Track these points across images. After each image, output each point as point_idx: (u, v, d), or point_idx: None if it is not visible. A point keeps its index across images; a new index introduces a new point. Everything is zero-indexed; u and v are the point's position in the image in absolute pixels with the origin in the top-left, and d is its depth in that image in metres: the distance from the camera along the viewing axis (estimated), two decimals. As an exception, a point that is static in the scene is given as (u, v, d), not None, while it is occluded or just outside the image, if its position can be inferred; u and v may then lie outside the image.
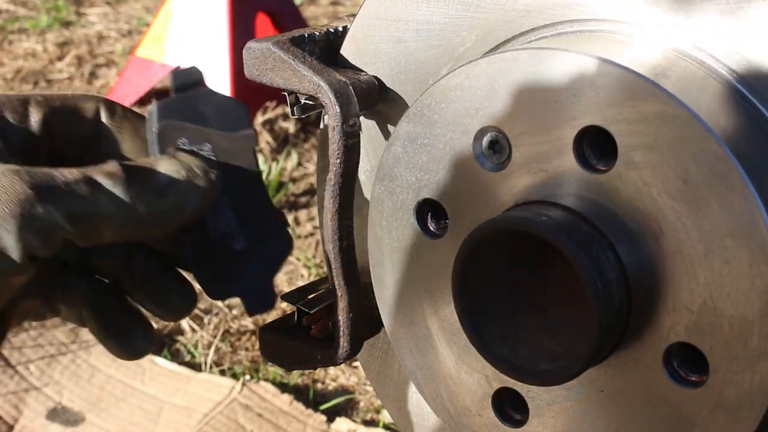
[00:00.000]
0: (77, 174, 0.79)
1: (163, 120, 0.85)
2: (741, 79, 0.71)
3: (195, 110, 0.86)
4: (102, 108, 0.89)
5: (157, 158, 0.84)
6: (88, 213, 0.79)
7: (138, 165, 0.82)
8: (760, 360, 0.68)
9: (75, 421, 2.16)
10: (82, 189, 0.78)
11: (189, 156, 0.84)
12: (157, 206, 0.81)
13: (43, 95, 0.88)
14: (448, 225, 0.81)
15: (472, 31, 0.83)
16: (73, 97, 0.89)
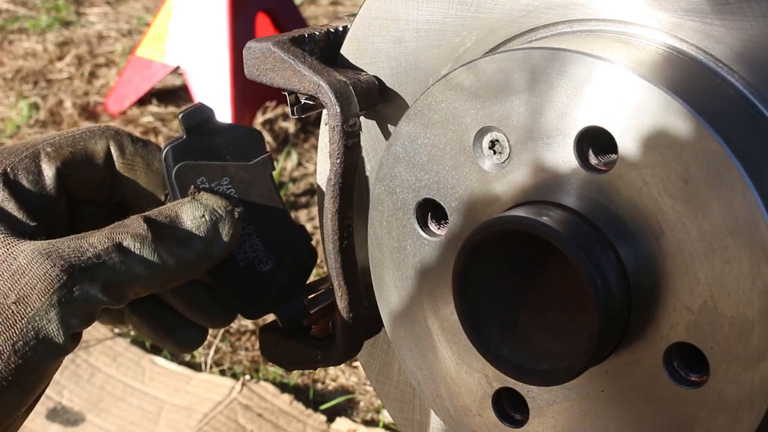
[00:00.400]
0: (106, 242, 0.79)
1: (178, 163, 0.86)
2: (741, 79, 0.71)
3: (208, 147, 0.87)
4: (112, 147, 0.89)
5: (180, 204, 0.84)
6: (121, 280, 0.80)
7: (162, 218, 0.82)
8: (760, 360, 0.68)
9: (75, 421, 2.16)
10: (113, 258, 0.79)
11: (212, 197, 0.85)
12: (184, 257, 0.82)
13: (51, 144, 0.87)
14: (448, 225, 0.81)
15: (472, 31, 0.83)
16: (81, 139, 0.88)
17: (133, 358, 2.32)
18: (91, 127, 0.90)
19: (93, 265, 0.78)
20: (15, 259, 0.76)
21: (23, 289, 0.75)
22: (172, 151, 0.87)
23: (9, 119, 3.50)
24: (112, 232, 0.80)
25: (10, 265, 0.76)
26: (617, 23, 0.76)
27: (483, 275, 0.78)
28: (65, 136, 0.88)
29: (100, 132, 0.89)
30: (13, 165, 0.85)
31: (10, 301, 0.75)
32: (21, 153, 0.86)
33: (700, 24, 0.72)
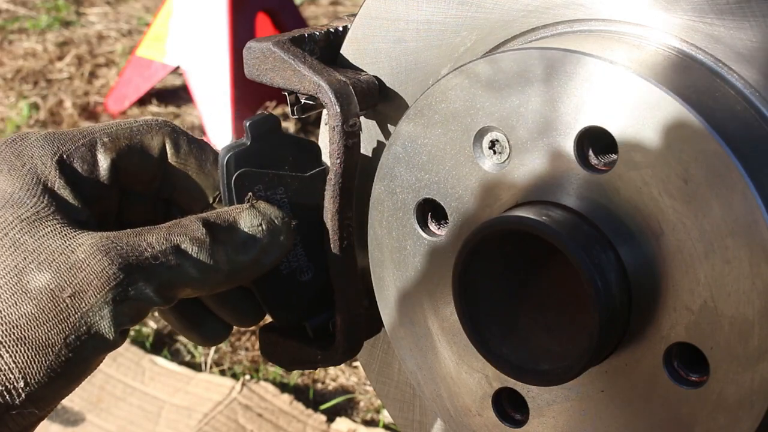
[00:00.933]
0: (164, 243, 0.79)
1: (238, 168, 0.86)
2: (741, 79, 0.71)
3: (270, 156, 0.88)
4: (168, 143, 0.88)
5: (237, 210, 0.84)
6: (175, 282, 0.80)
7: (220, 222, 0.82)
8: (760, 360, 0.68)
9: (75, 421, 2.16)
10: (170, 260, 0.79)
11: (269, 206, 0.85)
12: (239, 264, 0.82)
13: (108, 134, 0.86)
14: (448, 225, 0.81)
15: (472, 31, 0.83)
16: (138, 132, 0.87)
17: (133, 358, 2.32)
18: (148, 119, 0.89)
19: (150, 266, 0.78)
20: (73, 252, 0.76)
21: (80, 284, 0.75)
22: (234, 157, 0.87)
23: (9, 119, 3.50)
24: (170, 232, 0.80)
25: (67, 258, 0.76)
26: (617, 23, 0.76)
27: (483, 275, 0.78)
28: (122, 126, 0.87)
29: (157, 126, 0.88)
30: (69, 152, 0.84)
31: (65, 294, 0.74)
32: (77, 140, 0.85)
33: (700, 24, 0.72)
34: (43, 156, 0.82)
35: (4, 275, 0.75)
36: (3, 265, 0.75)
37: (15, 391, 0.73)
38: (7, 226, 0.77)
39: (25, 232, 0.77)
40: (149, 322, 2.47)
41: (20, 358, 0.73)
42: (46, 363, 0.74)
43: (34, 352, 0.74)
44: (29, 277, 0.75)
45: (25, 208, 0.78)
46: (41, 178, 0.81)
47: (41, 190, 0.80)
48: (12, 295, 0.74)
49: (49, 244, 0.76)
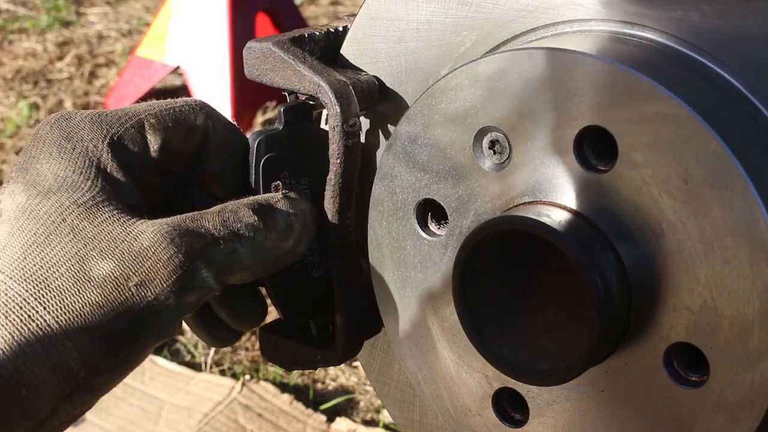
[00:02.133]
0: (222, 229, 0.79)
1: (268, 152, 0.87)
2: (741, 79, 0.71)
3: (299, 145, 0.88)
4: (210, 124, 0.87)
5: (273, 198, 0.84)
6: (233, 268, 0.80)
7: (264, 208, 0.82)
8: (760, 360, 0.68)
9: (75, 421, 2.16)
10: (229, 246, 0.79)
11: (299, 196, 0.85)
12: (282, 251, 0.83)
13: (154, 114, 0.84)
14: (448, 225, 0.81)
15: (472, 31, 0.83)
16: (182, 113, 0.86)
17: (133, 358, 2.31)
18: (188, 100, 0.88)
19: (211, 252, 0.77)
20: (136, 240, 0.75)
21: (147, 272, 0.74)
22: (266, 140, 0.87)
23: (9, 119, 3.50)
24: (223, 218, 0.80)
25: (131, 245, 0.75)
26: (617, 23, 0.76)
27: (483, 275, 0.78)
28: (165, 107, 0.85)
29: (198, 107, 0.87)
30: (119, 134, 0.82)
31: (131, 283, 0.74)
32: (125, 122, 0.83)
33: (699, 24, 0.72)
34: (94, 138, 0.80)
35: (65, 261, 0.73)
36: (64, 252, 0.74)
37: (75, 380, 0.72)
38: (65, 211, 0.75)
39: (83, 218, 0.75)
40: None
41: (83, 347, 0.72)
42: (109, 352, 0.73)
43: (98, 341, 0.72)
44: (92, 264, 0.73)
45: (81, 193, 0.77)
46: (94, 161, 0.79)
47: (95, 173, 0.78)
48: (75, 283, 0.73)
49: (109, 230, 0.75)
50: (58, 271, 0.73)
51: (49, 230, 0.74)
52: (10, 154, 3.27)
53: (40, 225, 0.75)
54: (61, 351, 0.71)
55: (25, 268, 0.73)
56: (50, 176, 0.77)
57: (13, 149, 3.29)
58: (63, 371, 0.71)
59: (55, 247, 0.74)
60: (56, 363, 0.71)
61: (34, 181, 0.77)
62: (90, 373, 0.73)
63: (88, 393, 0.73)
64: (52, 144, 0.79)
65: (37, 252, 0.74)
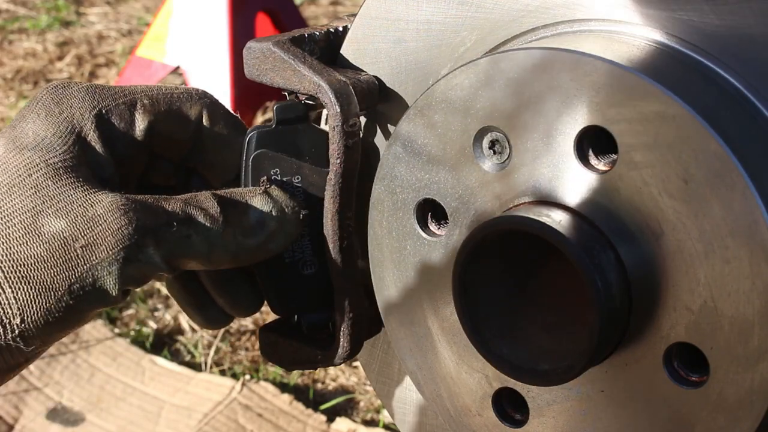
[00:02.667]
0: (180, 214, 0.80)
1: (259, 148, 0.87)
2: (741, 79, 0.71)
3: (292, 143, 0.88)
4: (205, 115, 0.89)
5: (250, 193, 0.85)
6: (184, 253, 0.81)
7: (233, 200, 0.83)
8: (760, 360, 0.68)
9: (75, 421, 2.16)
10: (183, 231, 0.80)
11: (282, 193, 0.86)
12: (244, 246, 0.83)
13: (149, 96, 0.87)
14: (448, 225, 0.81)
15: (472, 31, 0.83)
16: (178, 100, 0.88)
17: (133, 358, 2.32)
18: (189, 88, 0.90)
19: (162, 233, 0.79)
20: (92, 206, 0.77)
21: (94, 237, 0.77)
22: (257, 136, 0.88)
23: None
24: (186, 204, 0.81)
25: (86, 210, 0.77)
26: (617, 23, 0.76)
27: (483, 275, 0.78)
28: (163, 91, 0.88)
29: (197, 96, 0.89)
30: (108, 108, 0.85)
31: (78, 244, 0.76)
32: (118, 98, 0.86)
33: (700, 24, 0.72)
34: (82, 107, 0.84)
35: (20, 214, 0.76)
36: (21, 205, 0.77)
37: (9, 327, 0.75)
38: (33, 167, 0.78)
39: (48, 177, 0.78)
40: (149, 322, 2.47)
41: (21, 296, 0.75)
42: (46, 305, 0.76)
43: (36, 293, 0.75)
44: (45, 221, 0.76)
45: (54, 154, 0.79)
46: (76, 128, 0.82)
47: (74, 140, 0.81)
48: (24, 235, 0.76)
49: (70, 193, 0.78)
50: (11, 221, 0.76)
51: (13, 182, 0.78)
52: (10, 154, 3.27)
53: (7, 176, 0.78)
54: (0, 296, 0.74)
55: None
56: (31, 134, 0.81)
57: (13, 149, 3.29)
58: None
59: (15, 199, 0.77)
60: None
61: (16, 137, 0.81)
62: (24, 322, 0.75)
63: (23, 341, 0.76)
64: (42, 106, 0.83)
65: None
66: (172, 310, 2.52)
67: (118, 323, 2.47)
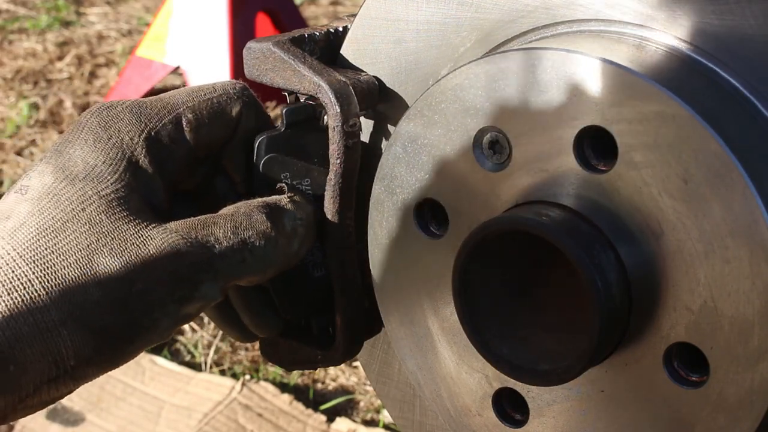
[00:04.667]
0: (232, 239, 0.79)
1: (269, 152, 0.87)
2: (741, 79, 0.71)
3: (301, 146, 0.88)
4: (243, 115, 0.88)
5: (282, 201, 0.84)
6: (239, 277, 0.81)
7: (274, 212, 0.82)
8: (760, 360, 0.68)
9: (75, 420, 2.16)
10: (237, 256, 0.79)
11: (303, 199, 0.86)
12: (288, 255, 0.84)
13: (191, 108, 0.85)
14: (448, 225, 0.81)
15: (472, 32, 0.83)
16: (219, 104, 0.87)
17: (133, 358, 2.31)
18: (227, 85, 0.88)
19: (218, 264, 0.78)
20: (145, 245, 0.76)
21: (151, 281, 0.76)
22: (267, 141, 0.87)
23: (9, 119, 3.50)
24: (235, 224, 0.80)
25: (140, 249, 0.76)
26: (617, 23, 0.76)
27: (483, 275, 0.78)
28: (203, 98, 0.86)
29: (236, 95, 0.88)
30: (156, 129, 0.83)
31: (134, 288, 0.75)
32: (163, 116, 0.84)
33: (699, 23, 0.72)
34: (131, 131, 0.82)
35: (76, 252, 0.75)
36: (77, 242, 0.75)
37: (63, 367, 0.73)
38: (86, 200, 0.77)
39: (102, 212, 0.77)
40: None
41: (77, 339, 0.73)
42: (101, 348, 0.75)
43: (93, 336, 0.74)
44: (100, 260, 0.75)
45: (106, 184, 0.78)
46: (126, 153, 0.80)
47: (124, 166, 0.80)
48: (81, 276, 0.74)
49: (123, 230, 0.76)
50: (67, 260, 0.74)
51: (67, 217, 0.76)
52: (10, 154, 3.27)
53: (60, 210, 0.76)
54: (56, 337, 0.72)
55: (37, 251, 0.74)
56: (80, 163, 0.79)
57: (13, 149, 3.29)
58: (53, 356, 0.73)
59: (70, 236, 0.75)
60: (48, 348, 0.72)
61: (64, 166, 0.79)
62: (79, 363, 0.74)
63: (73, 380, 0.75)
64: (89, 131, 0.81)
65: (51, 236, 0.75)
66: (172, 310, 2.51)
67: (118, 323, 2.47)
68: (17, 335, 0.71)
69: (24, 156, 3.27)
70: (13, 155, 3.26)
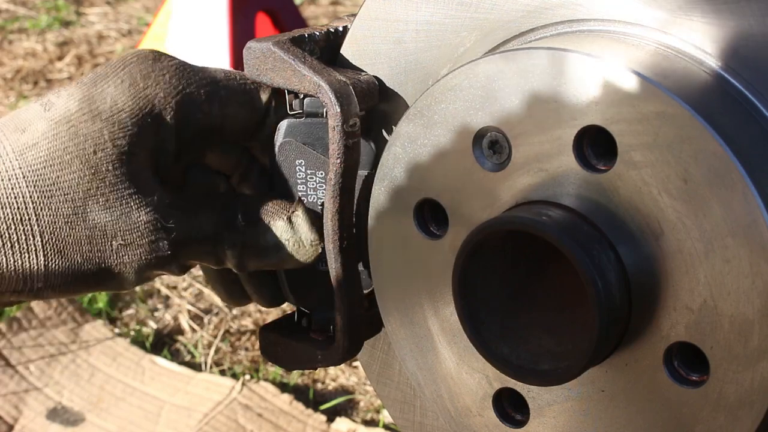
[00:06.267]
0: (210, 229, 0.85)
1: (287, 137, 0.89)
2: (741, 78, 0.71)
3: (319, 137, 0.89)
4: (273, 103, 0.90)
5: (277, 214, 0.87)
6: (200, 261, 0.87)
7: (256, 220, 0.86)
8: (760, 359, 0.68)
9: (75, 421, 2.16)
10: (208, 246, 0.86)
11: (305, 222, 0.87)
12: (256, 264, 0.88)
13: (226, 86, 0.87)
14: (448, 225, 0.81)
15: (471, 32, 0.83)
16: (250, 91, 0.88)
17: (133, 358, 2.32)
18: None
19: (189, 247, 0.83)
20: (137, 210, 0.81)
21: (131, 240, 0.81)
22: (287, 124, 0.89)
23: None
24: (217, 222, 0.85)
25: (131, 212, 0.80)
26: (616, 23, 0.76)
27: (483, 275, 0.78)
28: (238, 81, 0.88)
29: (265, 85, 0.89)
30: (191, 95, 0.84)
31: (115, 242, 0.80)
32: (201, 85, 0.85)
33: (699, 23, 0.72)
34: (167, 89, 0.83)
35: (75, 192, 0.79)
36: (78, 181, 0.79)
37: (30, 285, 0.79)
38: (100, 144, 0.80)
39: (110, 161, 0.80)
40: (149, 321, 2.47)
41: (51, 266, 0.79)
42: (70, 278, 0.80)
43: (64, 267, 0.79)
44: (92, 207, 0.79)
45: (123, 133, 0.81)
46: (155, 110, 0.82)
47: (148, 122, 0.82)
48: (72, 214, 0.79)
49: (122, 187, 0.80)
50: (64, 195, 0.79)
51: (77, 153, 0.79)
52: (10, 154, 3.27)
53: (73, 144, 0.79)
54: (32, 259, 0.78)
55: (40, 177, 0.78)
56: (109, 101, 0.81)
57: (13, 149, 3.29)
58: (24, 274, 0.79)
59: (74, 173, 0.79)
60: (23, 266, 0.78)
61: (93, 98, 0.81)
62: (45, 287, 0.80)
63: (35, 297, 0.82)
64: (128, 74, 0.82)
65: (57, 167, 0.79)
66: (172, 310, 2.52)
67: (118, 323, 2.47)
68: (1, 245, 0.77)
69: (24, 156, 3.26)
70: (13, 155, 3.26)
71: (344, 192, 0.87)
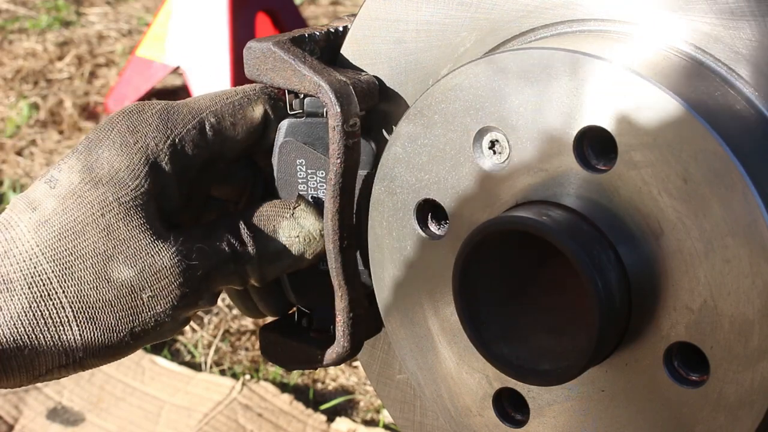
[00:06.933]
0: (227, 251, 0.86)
1: (287, 137, 0.89)
2: (741, 78, 0.71)
3: (319, 137, 0.90)
4: (268, 108, 0.90)
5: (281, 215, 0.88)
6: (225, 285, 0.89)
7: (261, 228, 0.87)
8: (760, 359, 0.68)
9: (75, 421, 2.16)
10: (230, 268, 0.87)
11: (309, 214, 0.89)
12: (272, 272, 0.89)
13: (214, 113, 0.88)
14: (448, 225, 0.81)
15: (472, 32, 0.83)
16: (240, 106, 0.89)
17: (133, 358, 2.31)
18: (247, 89, 0.91)
19: (215, 275, 0.85)
20: (158, 256, 0.82)
21: (160, 288, 0.82)
22: (287, 124, 0.89)
23: (9, 119, 3.50)
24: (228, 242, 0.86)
25: (153, 260, 0.82)
26: (616, 23, 0.76)
27: (483, 275, 0.78)
28: (225, 102, 0.89)
29: (255, 96, 0.90)
30: (181, 135, 0.86)
31: (144, 295, 0.82)
32: (188, 122, 0.87)
33: (699, 23, 0.72)
34: (156, 137, 0.85)
35: (93, 256, 0.81)
36: (94, 246, 0.81)
37: (72, 357, 0.81)
38: (107, 206, 0.82)
39: (120, 219, 0.82)
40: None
41: (87, 335, 0.81)
42: (108, 343, 0.82)
43: (100, 333, 0.82)
44: (115, 267, 0.81)
45: (126, 191, 0.83)
46: (150, 159, 0.84)
47: (146, 172, 0.84)
48: (95, 279, 0.81)
49: (138, 239, 0.82)
50: (84, 263, 0.81)
51: (88, 221, 0.81)
52: (10, 154, 3.27)
53: (82, 213, 0.82)
54: (67, 332, 0.80)
55: (58, 250, 0.81)
56: (106, 165, 0.83)
57: (13, 149, 3.29)
58: (64, 348, 0.81)
59: (89, 239, 0.81)
60: (61, 340, 0.80)
61: (91, 166, 0.83)
62: (86, 356, 0.82)
63: (81, 368, 0.83)
64: (118, 133, 0.85)
65: (71, 238, 0.81)
66: (172, 310, 2.51)
67: (118, 323, 2.47)
68: (33, 326, 0.79)
69: (24, 156, 3.27)
70: (13, 155, 3.26)
71: (344, 192, 0.87)
